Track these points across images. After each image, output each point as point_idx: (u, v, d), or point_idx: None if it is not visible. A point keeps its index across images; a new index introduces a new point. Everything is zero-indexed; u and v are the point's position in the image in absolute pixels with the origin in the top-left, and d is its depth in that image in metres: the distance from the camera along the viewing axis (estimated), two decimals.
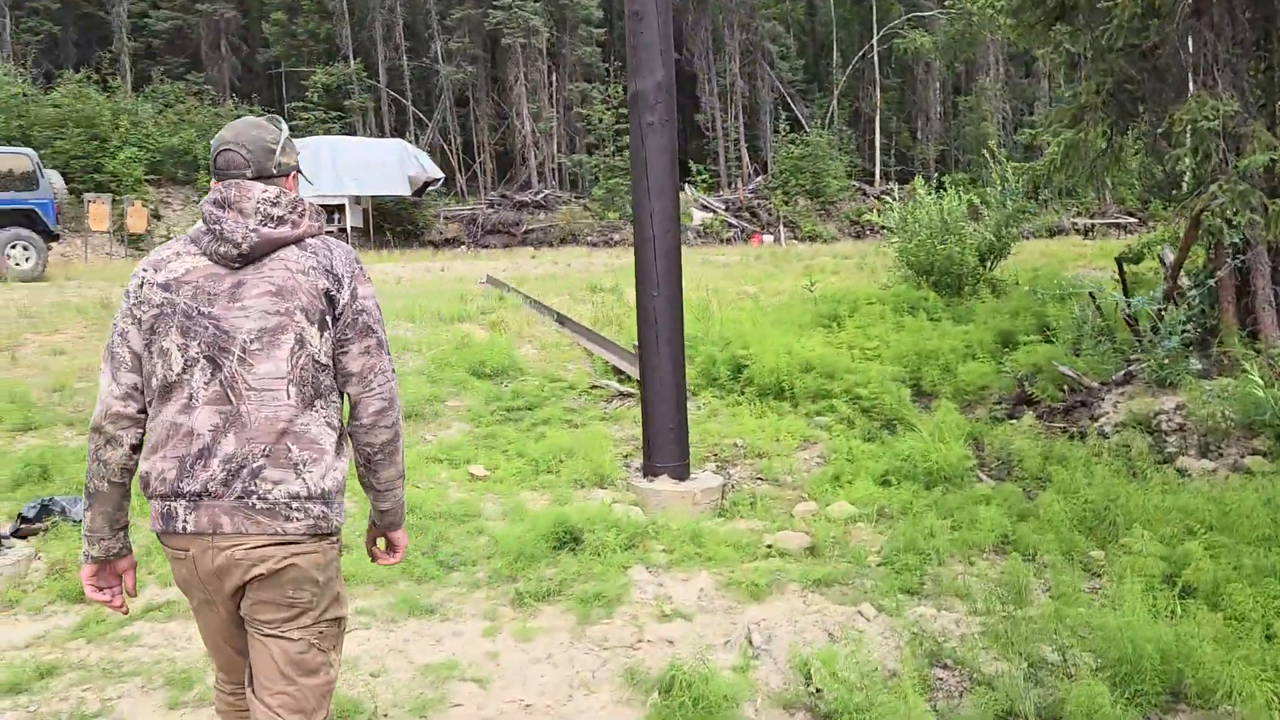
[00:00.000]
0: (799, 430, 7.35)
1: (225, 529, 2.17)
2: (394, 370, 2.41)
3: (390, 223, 30.45)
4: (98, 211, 23.95)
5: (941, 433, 6.53)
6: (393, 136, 33.52)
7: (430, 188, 30.08)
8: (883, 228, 14.31)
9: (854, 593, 4.67)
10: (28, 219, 16.08)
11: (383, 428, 2.36)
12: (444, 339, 9.73)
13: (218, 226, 2.25)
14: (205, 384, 2.21)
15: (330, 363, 2.30)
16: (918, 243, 10.76)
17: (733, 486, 6.58)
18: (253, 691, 2.30)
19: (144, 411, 2.29)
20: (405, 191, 28.31)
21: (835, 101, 40.76)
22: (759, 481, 6.68)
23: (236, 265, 2.25)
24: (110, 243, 26.46)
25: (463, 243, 30.97)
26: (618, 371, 9.13)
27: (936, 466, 6.13)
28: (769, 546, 5.24)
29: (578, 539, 5.25)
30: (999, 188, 11.00)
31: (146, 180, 29.07)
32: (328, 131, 32.31)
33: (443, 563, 5.10)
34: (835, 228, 33.82)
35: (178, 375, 2.22)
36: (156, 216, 28.89)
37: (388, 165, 27.69)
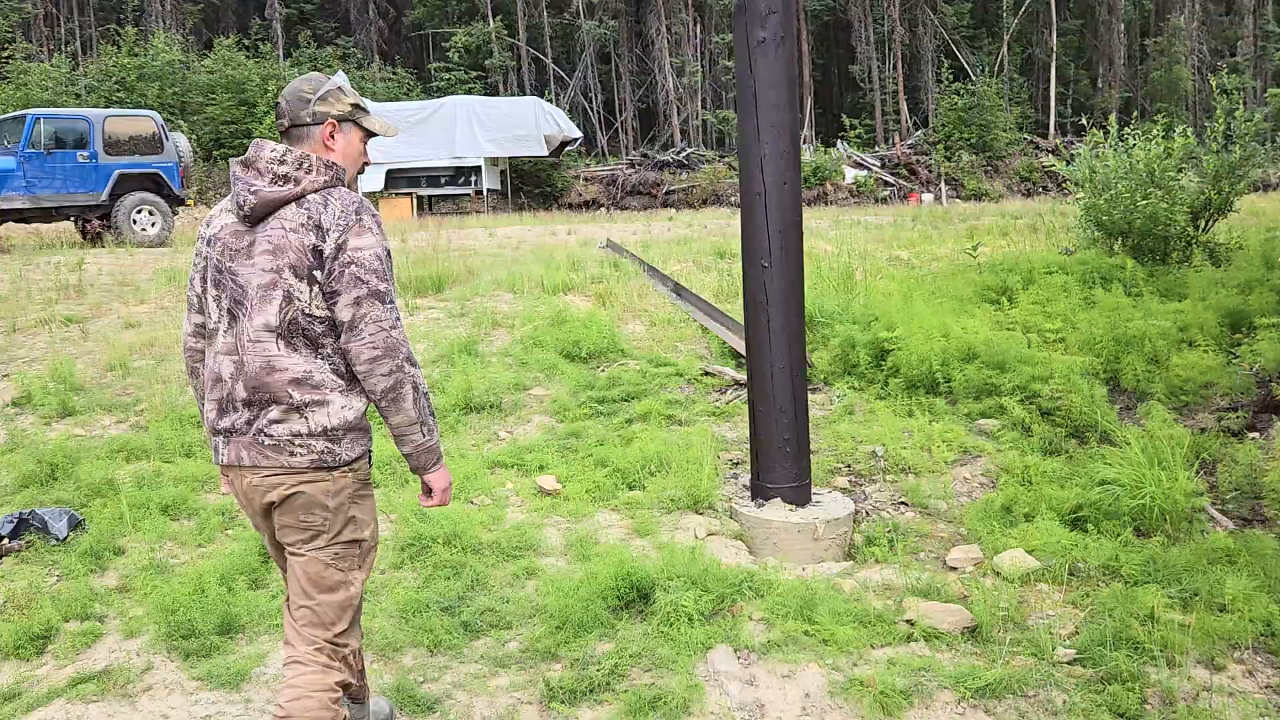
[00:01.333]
0: (956, 437, 5.74)
1: (245, 461, 2.47)
2: (396, 320, 2.46)
3: (528, 184, 29.68)
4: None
5: (1156, 451, 4.82)
6: (533, 95, 32.70)
7: (568, 147, 29.11)
8: (1064, 181, 12.21)
9: (1037, 712, 3.16)
10: (154, 183, 15.85)
11: (379, 375, 2.43)
12: (541, 313, 8.51)
13: (236, 185, 2.45)
14: (225, 334, 2.48)
15: (323, 313, 2.43)
16: (1109, 198, 8.77)
17: (867, 514, 5.08)
18: (286, 606, 2.61)
19: None
20: (542, 151, 27.40)
21: (1005, 47, 37.32)
22: (902, 508, 5.15)
23: (250, 224, 2.45)
24: None
25: (602, 204, 29.90)
26: (736, 355, 7.69)
27: (1152, 502, 4.46)
28: (910, 623, 3.75)
29: (647, 597, 3.92)
30: (1223, 126, 8.82)
31: None
32: (469, 91, 31.78)
33: (467, 624, 3.86)
34: (1003, 185, 30.92)
35: (214, 324, 2.52)
36: None
37: (524, 124, 26.82)
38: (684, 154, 32.14)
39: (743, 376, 7.07)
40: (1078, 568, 4.16)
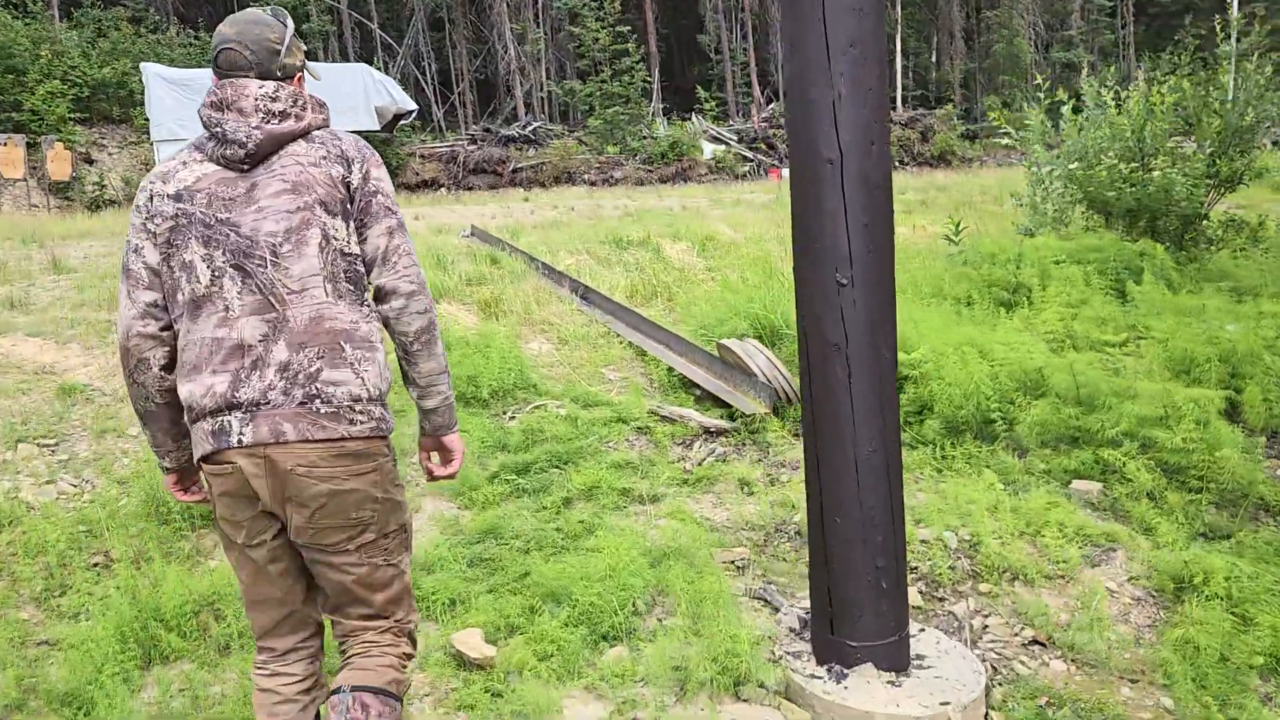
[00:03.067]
0: (1069, 518, 3.94)
1: (289, 436, 2.06)
2: (416, 254, 2.26)
3: None
4: (8, 155, 20.20)
5: None
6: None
7: (402, 121, 26.16)
8: (926, 153, 10.79)
9: None
10: None
11: (415, 313, 2.22)
12: None
13: (220, 129, 2.15)
14: (239, 294, 2.11)
15: (358, 251, 2.20)
16: (1109, 169, 7.25)
17: (995, 671, 3.20)
18: (328, 611, 2.31)
19: (168, 329, 2.20)
20: (373, 125, 24.38)
21: None
22: (1036, 650, 3.30)
23: (246, 167, 2.17)
24: (34, 192, 22.74)
25: (442, 184, 27.18)
26: (688, 384, 5.69)
27: None
28: None
29: None
30: (1232, 79, 7.43)
31: (74, 119, 25.19)
32: None
33: None
34: None
35: (206, 288, 2.13)
36: (88, 160, 25.08)
37: (352, 95, 23.72)
38: (531, 128, 29.74)
39: (713, 422, 5.07)
40: None
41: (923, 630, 3.33)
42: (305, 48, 2.36)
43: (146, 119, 23.00)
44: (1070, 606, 3.47)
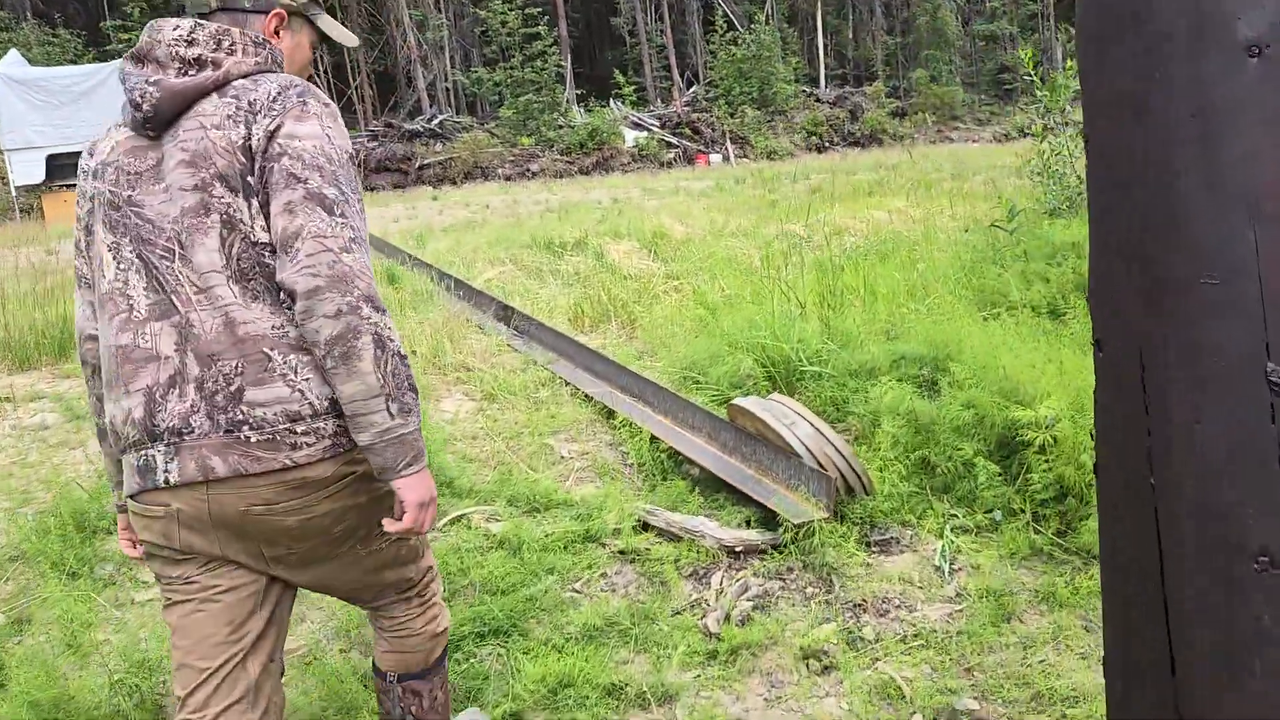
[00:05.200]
0: None
1: (219, 472, 1.64)
2: (351, 241, 1.64)
3: None
4: None
5: None
6: None
7: None
8: (943, 126, 9.15)
9: None
10: None
11: (322, 317, 1.61)
12: None
13: (128, 86, 1.73)
14: (145, 291, 1.71)
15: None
16: None
17: None
18: (343, 599, 2.06)
19: None
20: None
21: None
22: None
23: (153, 134, 1.73)
24: None
25: None
26: (678, 459, 3.80)
27: None
28: None
29: None
30: None
31: None
32: None
33: None
34: (789, 141, 28.59)
35: (110, 283, 1.73)
36: None
37: None
38: (436, 121, 27.44)
39: (740, 537, 3.22)
40: None
41: None
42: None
43: None
44: None
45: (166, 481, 1.66)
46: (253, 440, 1.64)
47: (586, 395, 4.50)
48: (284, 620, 1.87)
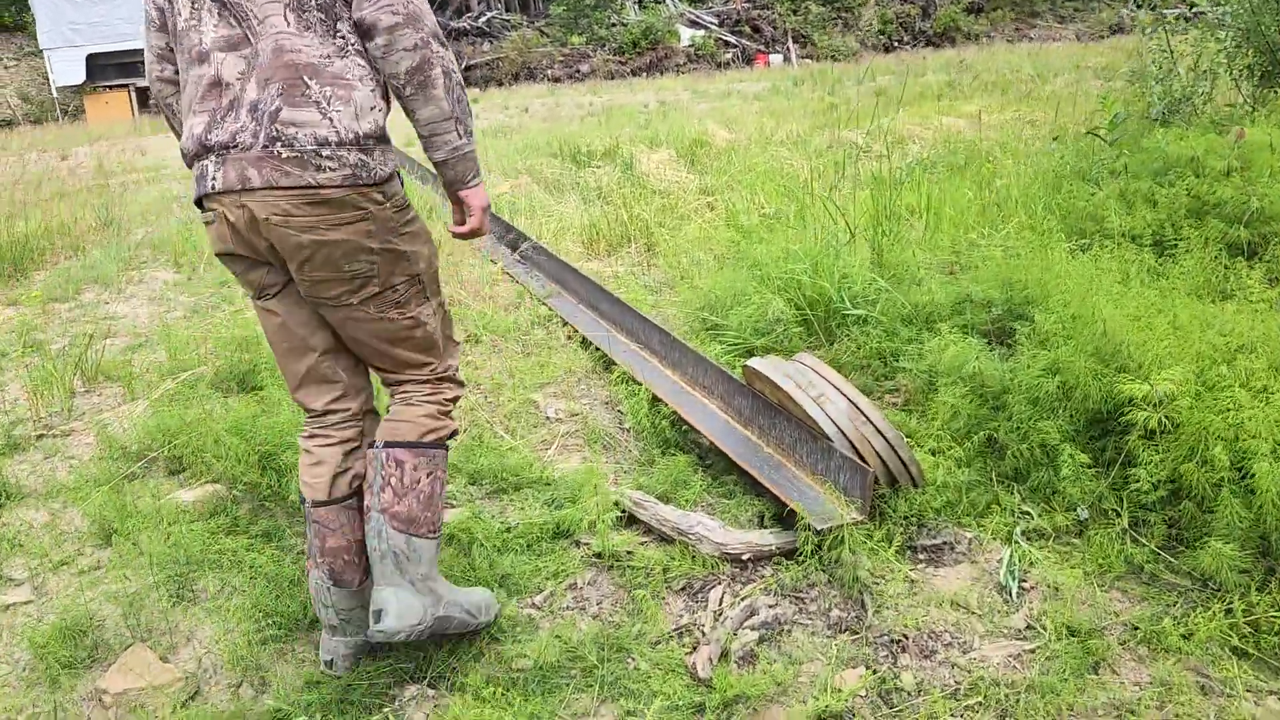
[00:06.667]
0: None
1: (254, 182, 1.87)
2: None
3: None
4: None
5: None
6: None
7: None
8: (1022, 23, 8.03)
9: None
10: None
11: (402, 50, 1.88)
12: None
13: None
14: (215, 25, 1.94)
15: None
16: None
17: None
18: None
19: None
20: None
21: None
22: None
23: None
24: None
25: None
26: (682, 428, 3.10)
27: None
28: None
29: None
30: None
31: None
32: None
33: None
34: (856, 41, 26.88)
35: (187, 20, 1.97)
36: None
37: None
38: (484, 19, 26.31)
39: (746, 541, 2.52)
40: None
41: None
42: None
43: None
44: None
45: (213, 188, 1.89)
46: (284, 156, 1.84)
47: (586, 339, 3.79)
48: (360, 367, 2.19)
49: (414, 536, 2.07)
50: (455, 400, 2.22)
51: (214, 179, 1.89)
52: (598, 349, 3.69)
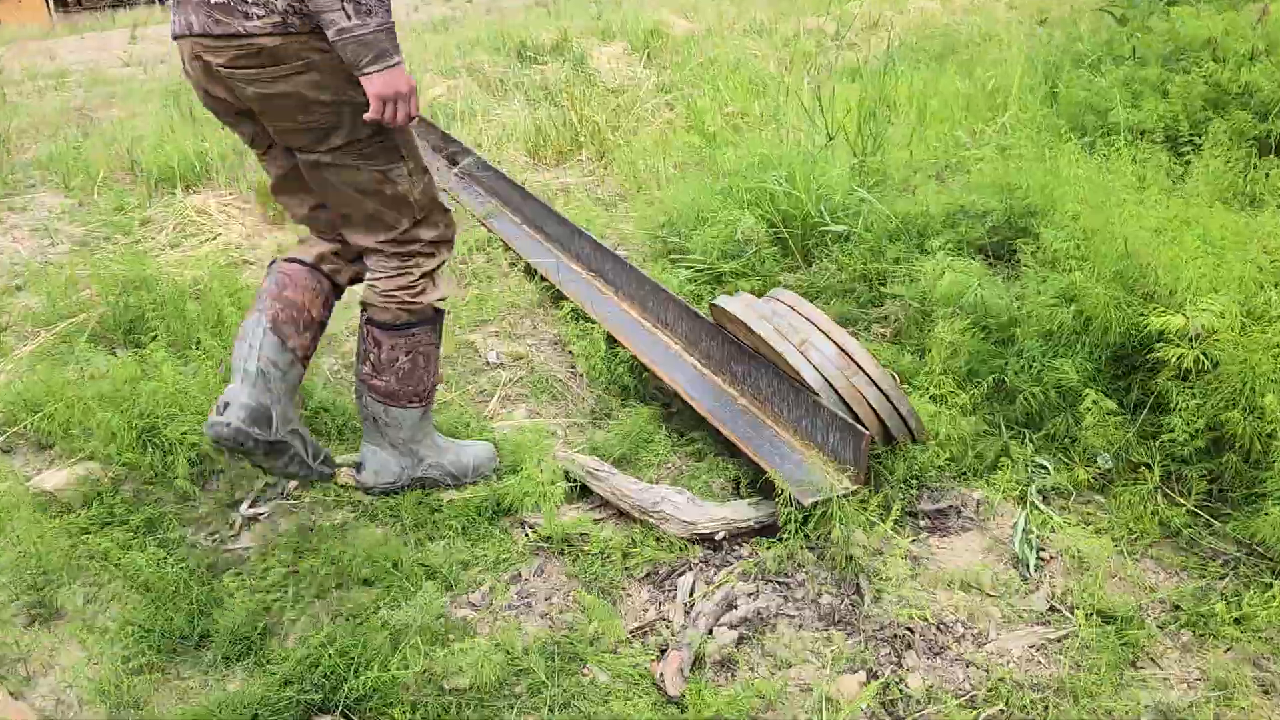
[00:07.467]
0: None
1: (195, 28, 1.90)
2: None
3: None
4: None
5: None
6: None
7: None
8: None
9: None
10: None
11: None
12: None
13: None
14: None
15: None
16: None
17: None
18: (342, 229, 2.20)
19: None
20: None
21: None
22: None
23: None
24: None
25: None
26: (643, 376, 2.68)
27: None
28: None
29: None
30: None
31: None
32: None
33: None
34: None
35: None
36: None
37: None
38: None
39: (718, 517, 2.13)
40: None
41: None
42: None
43: None
44: None
45: (173, 32, 1.96)
46: (213, 3, 1.84)
47: (531, 267, 3.34)
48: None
49: (393, 407, 2.19)
50: (430, 273, 2.18)
51: (174, 22, 1.94)
52: (544, 279, 3.24)
